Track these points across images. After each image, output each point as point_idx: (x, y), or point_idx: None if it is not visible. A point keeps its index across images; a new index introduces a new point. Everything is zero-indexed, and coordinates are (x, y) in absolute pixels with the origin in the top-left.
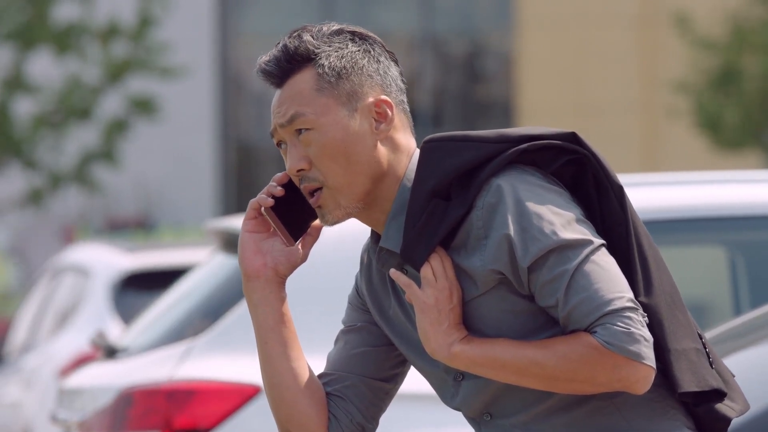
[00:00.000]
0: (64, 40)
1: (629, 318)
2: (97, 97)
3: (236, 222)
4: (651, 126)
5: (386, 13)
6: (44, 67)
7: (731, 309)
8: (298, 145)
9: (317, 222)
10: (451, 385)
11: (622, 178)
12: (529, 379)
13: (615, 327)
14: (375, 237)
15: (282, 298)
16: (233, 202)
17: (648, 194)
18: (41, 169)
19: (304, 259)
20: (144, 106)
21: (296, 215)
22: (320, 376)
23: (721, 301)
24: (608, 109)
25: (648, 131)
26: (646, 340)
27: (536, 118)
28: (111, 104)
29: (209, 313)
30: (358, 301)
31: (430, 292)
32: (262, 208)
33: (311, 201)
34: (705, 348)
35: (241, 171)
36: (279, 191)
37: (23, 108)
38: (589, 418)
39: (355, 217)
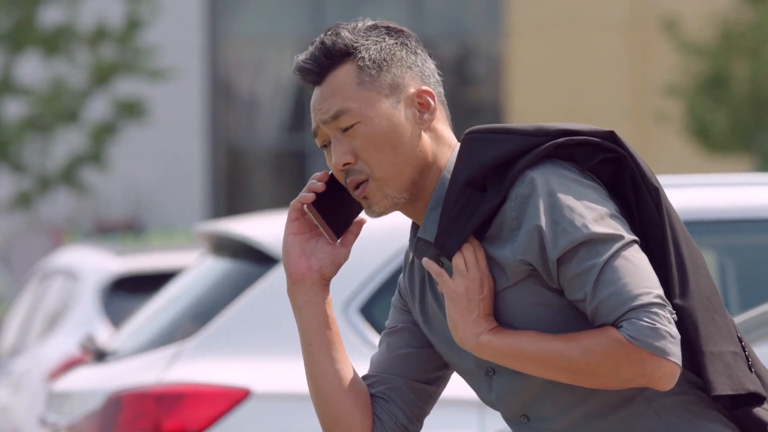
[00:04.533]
0: (52, 43)
1: (656, 314)
2: (85, 100)
3: (225, 225)
4: (641, 130)
5: (376, 15)
6: (32, 70)
7: None
8: (343, 140)
9: (358, 218)
10: (484, 380)
11: None
12: (554, 372)
13: (641, 322)
14: (414, 229)
15: (327, 301)
16: (222, 206)
17: None
18: (29, 172)
19: (346, 257)
20: (131, 109)
21: (338, 212)
22: (364, 378)
23: None
24: (598, 113)
25: (638, 136)
26: (672, 336)
27: (525, 121)
28: (99, 107)
29: (198, 317)
30: (400, 303)
31: (461, 281)
32: (304, 206)
33: (356, 194)
34: (745, 351)
35: (230, 174)
36: (320, 186)
37: (11, 111)
38: (627, 423)
39: (399, 208)
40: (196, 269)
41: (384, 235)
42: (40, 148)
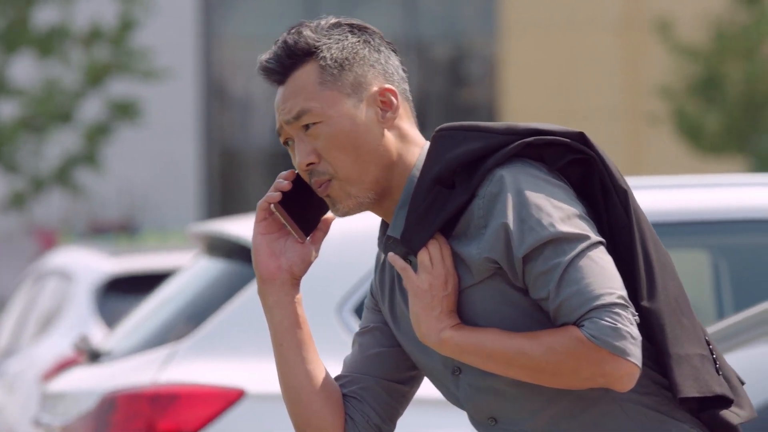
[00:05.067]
0: (46, 44)
1: (617, 314)
2: (79, 101)
3: (220, 226)
4: (634, 131)
5: (370, 17)
6: (26, 71)
7: (714, 312)
8: (306, 140)
9: (327, 216)
10: (451, 380)
11: None
12: (515, 370)
13: (602, 321)
14: (383, 227)
15: (297, 300)
16: (217, 206)
17: None
18: (23, 172)
19: (315, 255)
20: (125, 110)
21: (305, 211)
22: (336, 378)
23: (703, 304)
24: (591, 113)
25: (631, 136)
26: (633, 337)
27: (520, 122)
28: (93, 108)
29: (193, 317)
30: (372, 303)
31: (425, 277)
32: (271, 205)
33: (320, 191)
34: (712, 354)
35: (224, 175)
36: (286, 185)
37: (5, 111)
38: (597, 423)
39: (366, 207)
40: (191, 270)
41: (378, 236)
42: (34, 148)
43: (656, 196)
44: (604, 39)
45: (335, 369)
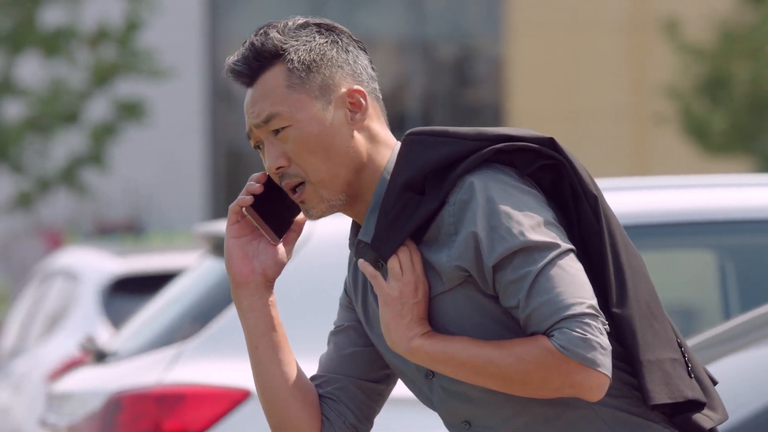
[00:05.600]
0: (52, 44)
1: (587, 324)
2: (85, 101)
3: (225, 226)
4: (640, 131)
5: (376, 17)
6: (32, 71)
7: (721, 313)
8: (275, 143)
9: (300, 217)
10: (424, 383)
11: (611, 183)
12: (485, 379)
13: (572, 332)
14: (355, 229)
15: (271, 302)
16: (222, 206)
17: (637, 198)
18: (29, 173)
19: (289, 256)
20: (131, 110)
21: (278, 212)
22: (312, 378)
23: (710, 305)
24: (598, 114)
25: (637, 136)
26: (602, 347)
27: (526, 123)
28: (99, 108)
29: (198, 318)
30: (346, 301)
31: (395, 284)
32: (243, 209)
33: (294, 197)
34: (684, 357)
35: (230, 175)
36: (258, 188)
37: (11, 111)
38: (571, 427)
39: (338, 210)
40: (196, 270)
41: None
42: (40, 149)
43: (663, 197)
44: (610, 39)
45: None
